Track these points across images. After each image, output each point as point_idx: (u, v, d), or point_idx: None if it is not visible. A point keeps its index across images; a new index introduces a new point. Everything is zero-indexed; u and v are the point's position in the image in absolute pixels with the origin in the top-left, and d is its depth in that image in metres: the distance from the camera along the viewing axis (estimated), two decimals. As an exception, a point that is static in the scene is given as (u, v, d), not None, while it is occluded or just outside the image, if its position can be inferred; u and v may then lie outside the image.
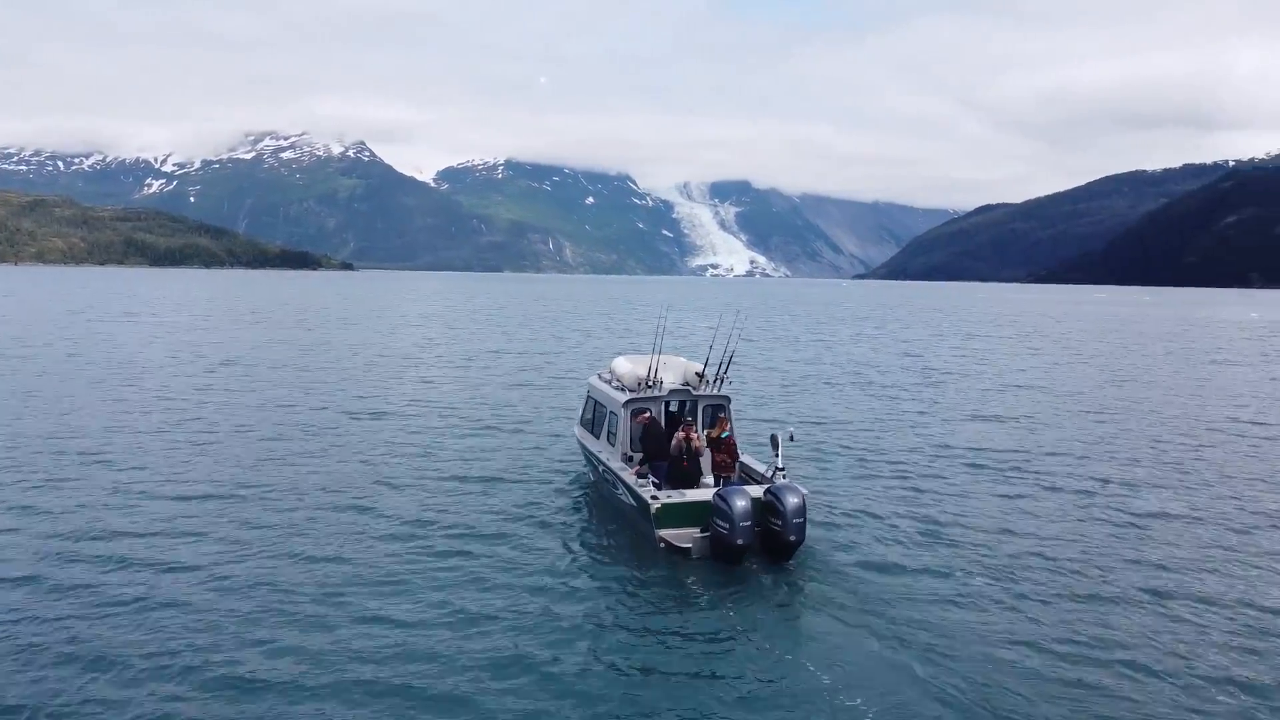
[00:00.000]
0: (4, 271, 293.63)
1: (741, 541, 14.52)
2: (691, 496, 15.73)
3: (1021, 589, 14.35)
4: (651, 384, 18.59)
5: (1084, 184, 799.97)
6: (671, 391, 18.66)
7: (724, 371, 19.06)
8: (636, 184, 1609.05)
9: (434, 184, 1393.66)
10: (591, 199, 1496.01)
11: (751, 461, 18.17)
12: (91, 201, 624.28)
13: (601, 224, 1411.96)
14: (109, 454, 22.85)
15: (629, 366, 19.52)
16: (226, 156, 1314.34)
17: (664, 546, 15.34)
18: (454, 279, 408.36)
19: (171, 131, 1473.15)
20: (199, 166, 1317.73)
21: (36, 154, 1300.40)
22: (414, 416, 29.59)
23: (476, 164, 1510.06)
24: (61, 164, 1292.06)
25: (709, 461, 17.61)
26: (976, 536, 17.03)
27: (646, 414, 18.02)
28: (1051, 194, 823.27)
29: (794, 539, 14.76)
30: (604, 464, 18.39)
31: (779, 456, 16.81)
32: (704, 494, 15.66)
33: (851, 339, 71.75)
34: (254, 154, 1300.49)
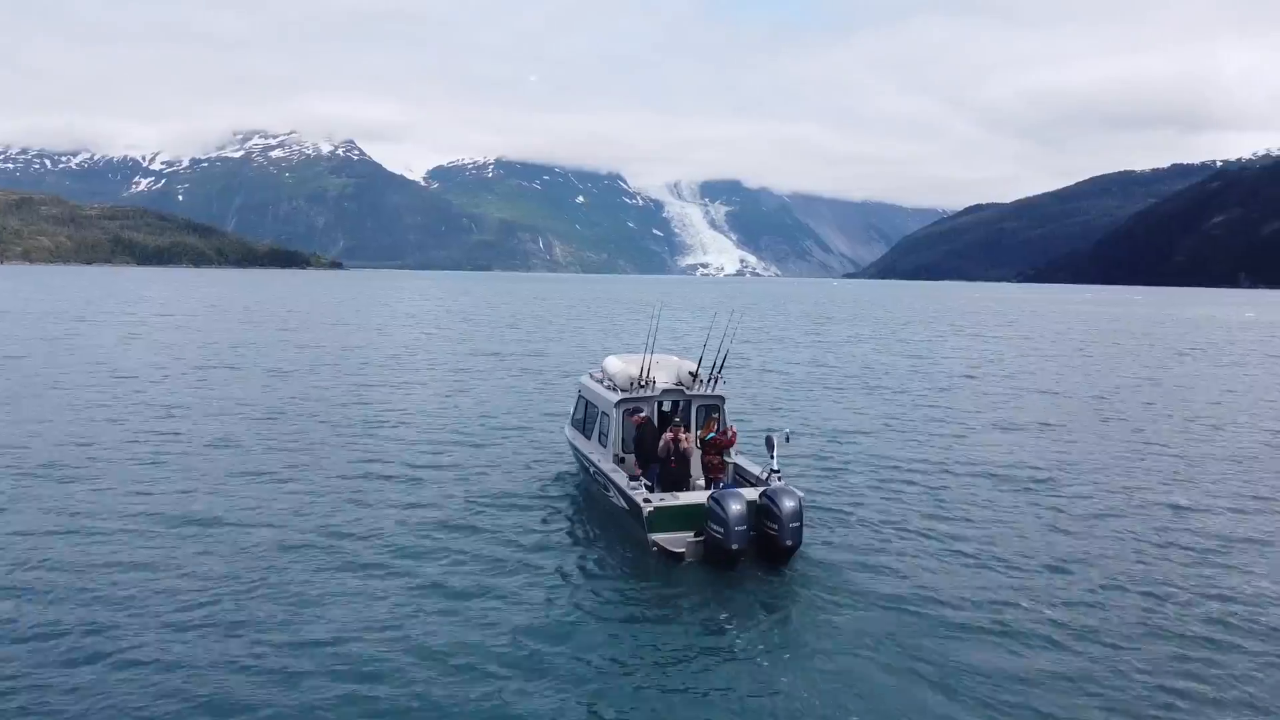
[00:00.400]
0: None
1: (736, 546, 14.09)
2: (685, 500, 15.32)
3: (1024, 594, 13.98)
4: (644, 384, 18.14)
5: (1073, 184, 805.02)
6: (664, 391, 18.22)
7: (718, 371, 18.62)
8: (627, 183, 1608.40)
9: (424, 183, 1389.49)
10: (582, 198, 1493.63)
11: (746, 463, 17.75)
12: (79, 200, 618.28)
13: (592, 223, 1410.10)
14: (70, 464, 22.20)
15: (621, 366, 19.04)
16: (215, 155, 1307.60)
17: (657, 551, 14.93)
18: (444, 278, 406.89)
19: (159, 130, 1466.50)
20: (187, 165, 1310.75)
21: (23, 152, 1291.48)
22: (400, 417, 29.12)
23: (466, 163, 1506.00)
24: (49, 162, 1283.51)
25: (698, 463, 17.23)
26: (978, 540, 16.63)
27: (642, 414, 17.59)
28: (1040, 194, 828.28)
29: (790, 544, 14.34)
30: (595, 466, 17.96)
31: (774, 458, 16.39)
32: (698, 497, 15.25)
33: (848, 339, 71.42)
34: (243, 152, 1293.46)
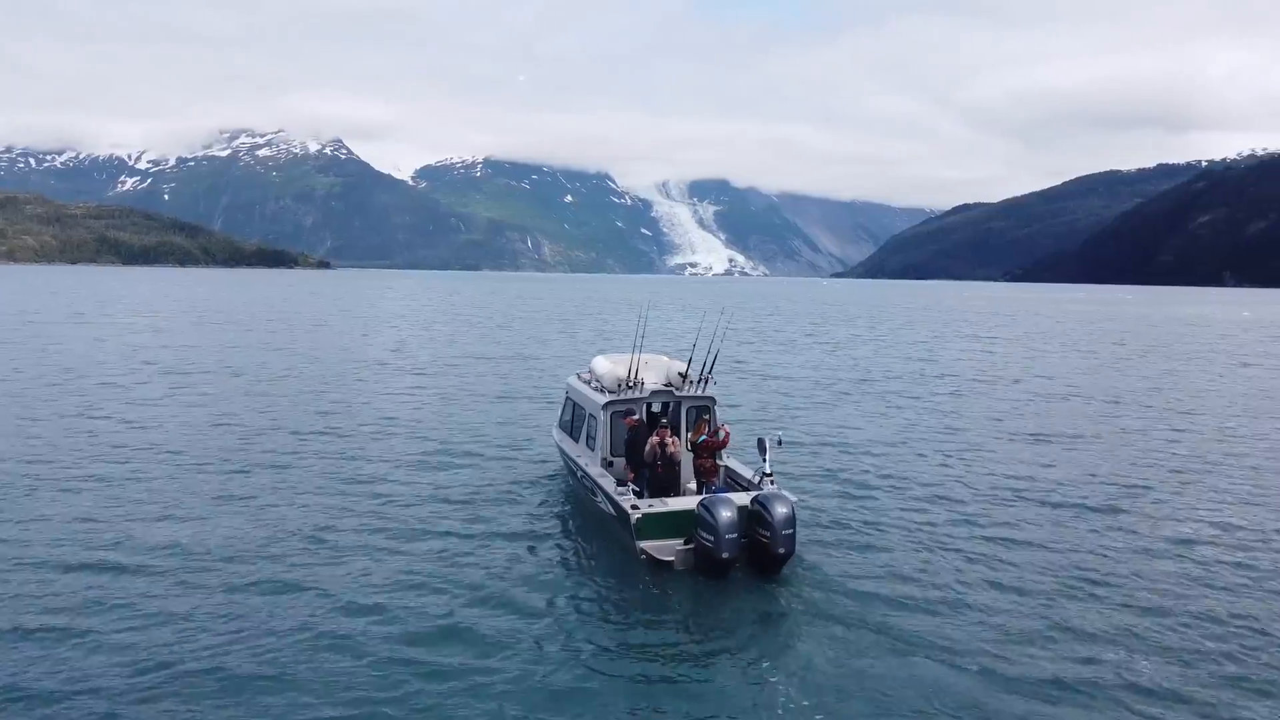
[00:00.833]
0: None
1: (727, 554, 13.63)
2: (674, 506, 14.84)
3: (1026, 604, 13.57)
4: (632, 384, 17.64)
5: (1059, 184, 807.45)
6: (653, 392, 17.72)
7: (708, 371, 18.14)
8: (615, 183, 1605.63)
9: (412, 182, 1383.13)
10: (570, 197, 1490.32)
11: (738, 466, 17.32)
12: (64, 199, 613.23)
13: (580, 223, 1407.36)
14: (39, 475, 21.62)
15: (609, 366, 18.55)
16: (202, 154, 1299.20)
17: (645, 559, 14.45)
18: (432, 278, 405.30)
19: (145, 128, 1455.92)
20: (174, 164, 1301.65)
21: (8, 151, 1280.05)
22: (383, 419, 28.58)
23: (455, 162, 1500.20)
24: (33, 161, 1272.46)
25: (690, 467, 16.76)
26: (978, 548, 16.16)
27: (634, 417, 17.10)
28: (1027, 193, 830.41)
29: (783, 551, 13.87)
30: (583, 470, 17.48)
31: (767, 461, 15.94)
32: (687, 503, 14.78)
33: (843, 339, 71.00)
34: (229, 151, 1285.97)
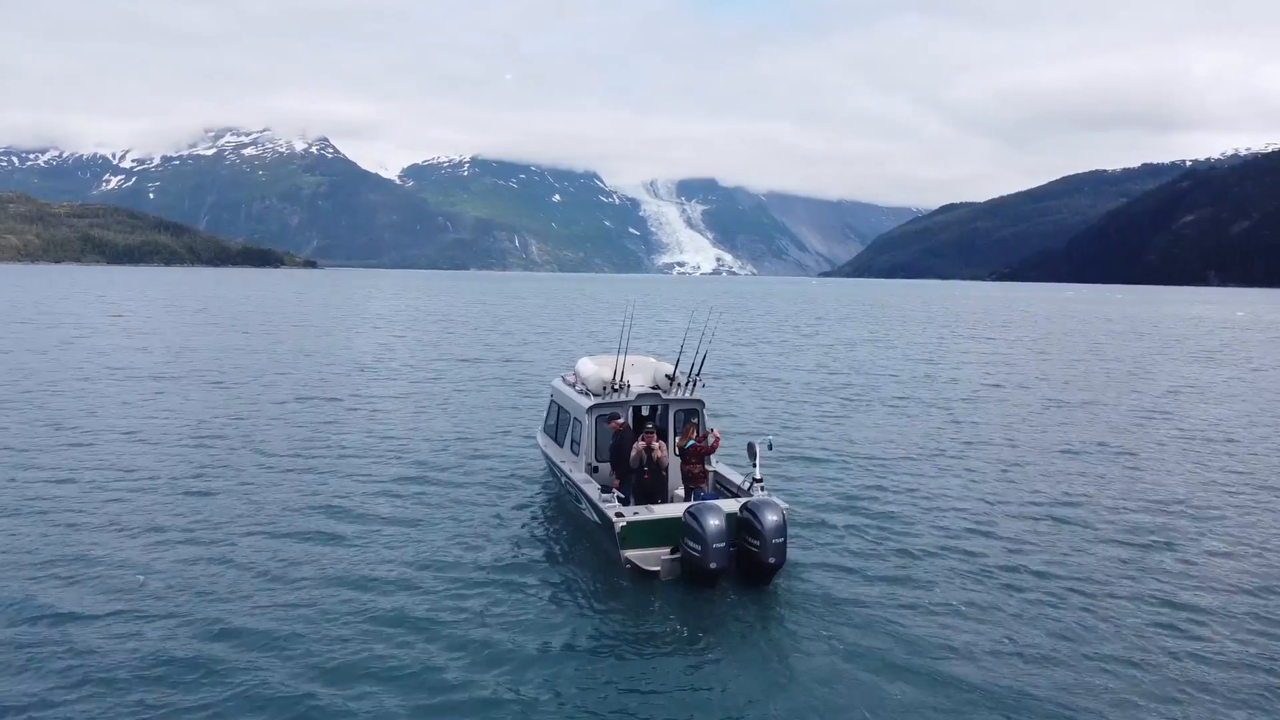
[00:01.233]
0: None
1: (715, 564, 13.11)
2: (660, 513, 14.33)
3: (1028, 616, 13.13)
4: (618, 387, 17.12)
5: (1045, 183, 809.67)
6: (640, 395, 17.18)
7: (697, 373, 17.62)
8: (603, 182, 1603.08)
9: (399, 181, 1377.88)
10: (558, 196, 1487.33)
11: (726, 471, 16.82)
12: (47, 198, 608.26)
13: (568, 222, 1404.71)
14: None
15: (594, 368, 18.01)
16: (187, 153, 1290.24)
17: (630, 569, 13.95)
18: (419, 277, 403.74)
19: (130, 127, 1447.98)
20: (158, 163, 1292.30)
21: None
22: (362, 423, 27.98)
23: (442, 161, 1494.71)
24: (16, 159, 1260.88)
25: (678, 472, 16.27)
26: (977, 557, 15.63)
27: (618, 420, 16.59)
28: (1013, 193, 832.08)
29: (773, 561, 13.37)
30: (566, 475, 16.96)
31: (757, 467, 15.45)
32: (673, 510, 14.28)
33: (838, 339, 70.55)
34: (215, 150, 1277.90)
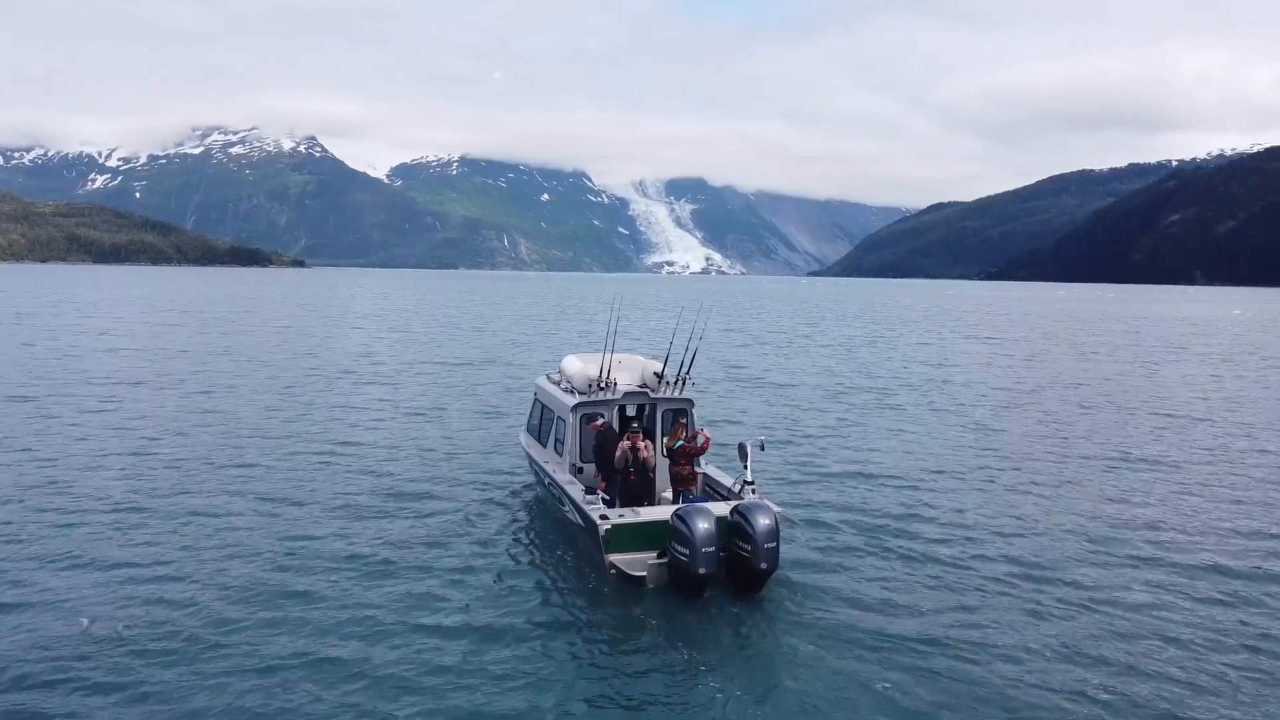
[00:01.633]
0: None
1: (704, 570, 12.51)
2: (646, 516, 13.76)
3: (1029, 625, 12.60)
4: (604, 385, 16.52)
5: (1032, 183, 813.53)
6: (626, 394, 16.57)
7: (686, 372, 16.99)
8: (592, 181, 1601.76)
9: (387, 180, 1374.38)
10: (547, 196, 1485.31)
11: (716, 473, 16.24)
12: (32, 196, 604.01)
13: (557, 221, 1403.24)
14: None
15: (579, 366, 17.37)
16: (173, 151, 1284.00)
17: (615, 574, 13.36)
18: (407, 276, 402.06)
19: (116, 125, 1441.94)
20: (145, 161, 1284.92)
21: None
22: (344, 421, 27.35)
23: (430, 160, 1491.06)
24: (0, 158, 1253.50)
25: (665, 474, 15.68)
26: (977, 562, 15.04)
27: (599, 421, 16.00)
28: (1001, 193, 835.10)
29: (765, 567, 12.77)
30: (550, 476, 16.37)
31: (748, 468, 14.84)
32: (660, 513, 13.70)
33: (834, 339, 70.01)
34: (202, 149, 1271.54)
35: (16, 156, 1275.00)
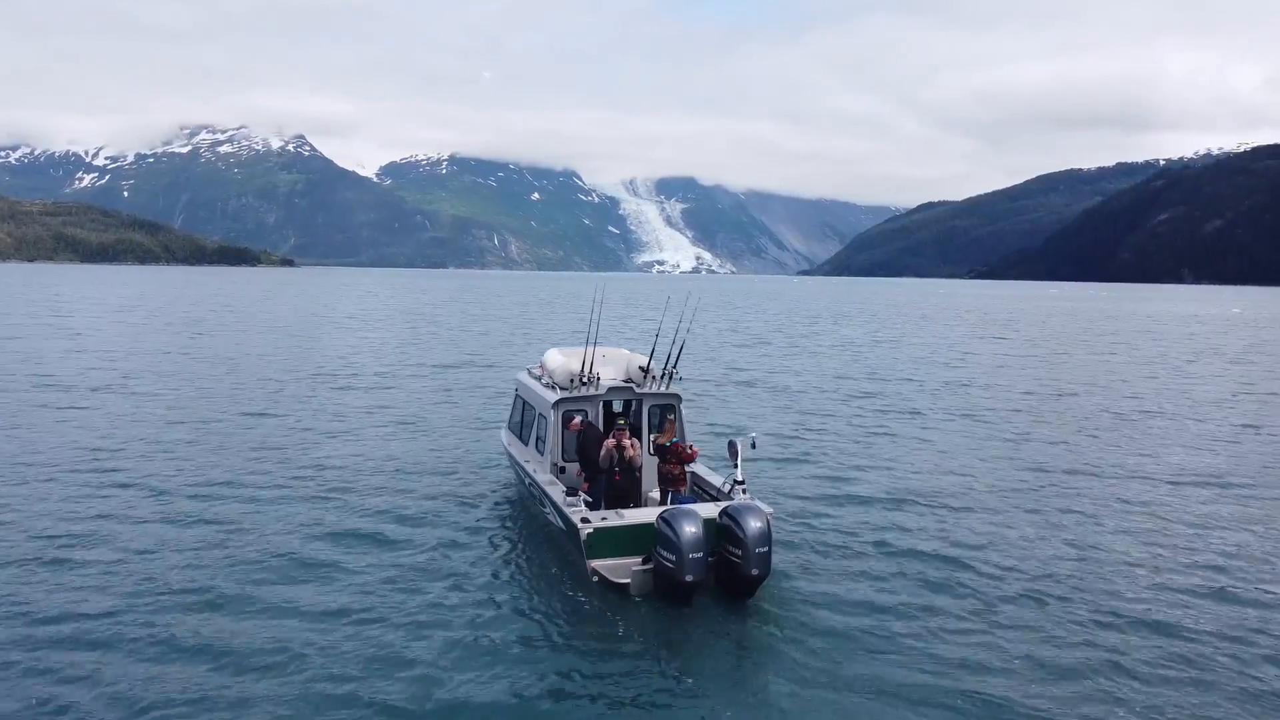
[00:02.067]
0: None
1: (691, 577, 11.69)
2: (630, 519, 12.92)
3: (1030, 634, 11.83)
4: (587, 380, 15.69)
5: (1021, 182, 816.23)
6: (610, 389, 15.74)
7: (673, 366, 16.15)
8: (582, 180, 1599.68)
9: (376, 179, 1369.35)
10: (537, 195, 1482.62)
11: (705, 472, 15.42)
12: (19, 195, 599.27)
13: (547, 220, 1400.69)
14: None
15: (561, 360, 16.52)
16: (161, 150, 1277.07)
17: (597, 581, 12.53)
18: (396, 275, 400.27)
19: (103, 124, 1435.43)
20: (132, 160, 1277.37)
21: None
22: (322, 419, 26.43)
23: (420, 159, 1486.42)
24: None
25: (653, 473, 14.84)
26: (977, 568, 14.23)
27: (577, 419, 15.15)
28: (990, 192, 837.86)
29: (756, 572, 11.96)
30: (531, 476, 15.52)
31: (738, 467, 14.03)
32: (645, 515, 12.87)
33: (828, 338, 69.22)
34: (190, 147, 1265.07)
35: (3, 155, 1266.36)
